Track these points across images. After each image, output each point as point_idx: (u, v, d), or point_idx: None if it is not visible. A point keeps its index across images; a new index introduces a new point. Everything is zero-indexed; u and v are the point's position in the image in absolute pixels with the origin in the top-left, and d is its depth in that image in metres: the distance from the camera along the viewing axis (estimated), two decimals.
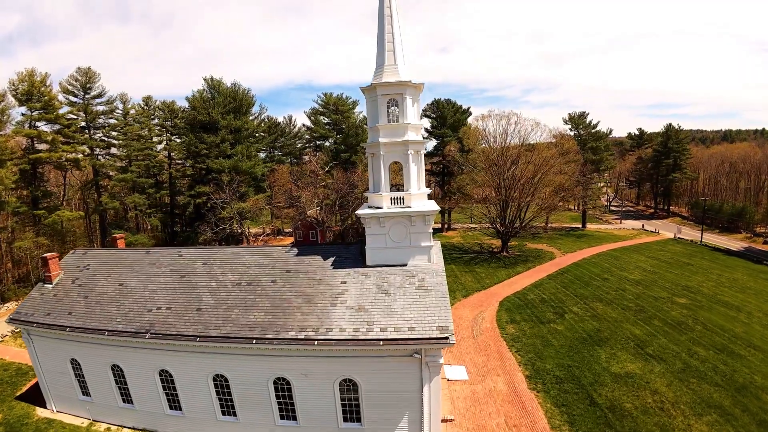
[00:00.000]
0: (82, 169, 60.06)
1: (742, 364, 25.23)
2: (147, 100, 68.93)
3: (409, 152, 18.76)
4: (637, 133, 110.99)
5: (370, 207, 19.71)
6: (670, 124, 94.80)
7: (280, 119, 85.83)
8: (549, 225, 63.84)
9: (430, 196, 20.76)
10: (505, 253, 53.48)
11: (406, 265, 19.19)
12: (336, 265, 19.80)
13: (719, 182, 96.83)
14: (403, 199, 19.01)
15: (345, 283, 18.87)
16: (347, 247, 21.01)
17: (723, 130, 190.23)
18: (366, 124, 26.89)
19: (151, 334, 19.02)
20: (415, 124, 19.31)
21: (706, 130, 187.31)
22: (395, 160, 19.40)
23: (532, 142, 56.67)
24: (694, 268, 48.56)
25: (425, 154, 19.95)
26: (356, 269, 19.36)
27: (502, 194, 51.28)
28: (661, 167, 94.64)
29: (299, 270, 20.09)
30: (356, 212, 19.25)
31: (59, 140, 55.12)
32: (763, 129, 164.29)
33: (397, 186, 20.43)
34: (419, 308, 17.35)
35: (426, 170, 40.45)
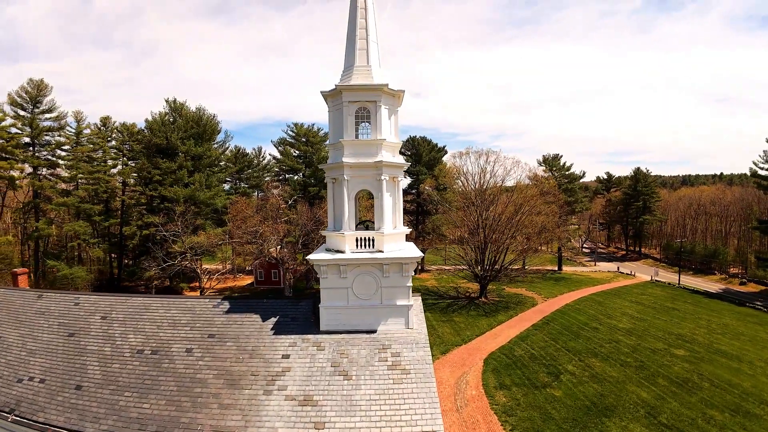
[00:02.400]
0: (17, 188, 52.30)
1: (761, 426, 22.33)
2: (105, 120, 62.44)
3: (382, 178, 13.65)
4: (605, 176, 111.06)
5: (327, 250, 14.28)
6: (639, 168, 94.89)
7: (249, 150, 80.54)
8: (526, 268, 59.52)
9: (408, 238, 15.53)
10: (484, 299, 48.37)
11: (375, 331, 13.63)
12: (278, 330, 14.04)
13: (688, 224, 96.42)
14: (374, 240, 13.71)
15: (288, 357, 13.09)
16: (296, 303, 15.30)
17: (681, 175, 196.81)
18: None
19: (14, 416, 12.94)
20: (391, 141, 14.36)
21: (664, 176, 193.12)
22: (364, 188, 14.25)
23: (510, 183, 53.37)
24: (681, 314, 46.36)
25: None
26: (305, 336, 13.66)
27: (481, 236, 46.78)
28: (631, 210, 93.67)
29: (226, 335, 14.21)
30: (309, 257, 13.75)
31: None
32: (721, 173, 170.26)
33: (365, 223, 15.21)
34: (393, 400, 11.73)
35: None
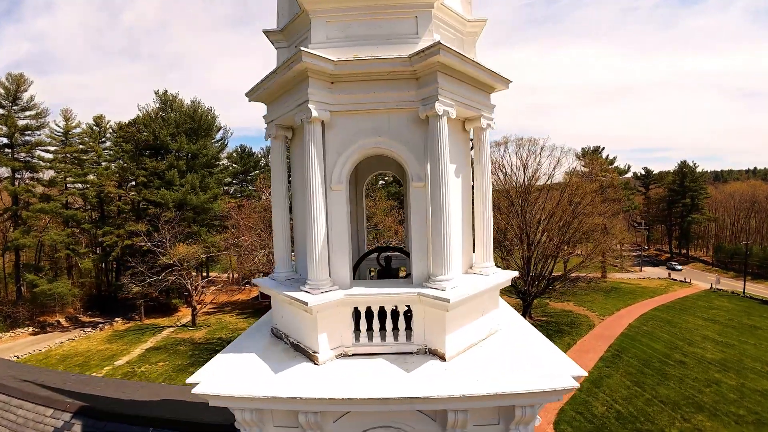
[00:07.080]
0: None
1: None
2: (98, 119, 54.89)
3: (437, 110, 3.94)
4: (642, 172, 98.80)
5: (276, 335, 4.88)
6: (685, 162, 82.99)
7: (256, 150, 72.20)
8: (568, 274, 48.93)
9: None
10: (529, 319, 38.37)
11: None
12: None
13: (739, 223, 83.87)
14: (411, 316, 4.18)
15: None
16: None
17: (711, 171, 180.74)
18: None
19: None
20: (454, 7, 4.80)
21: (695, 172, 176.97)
22: (376, 148, 4.66)
23: (558, 178, 43.28)
24: (766, 332, 37.13)
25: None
26: None
27: (525, 242, 36.91)
28: (676, 208, 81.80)
29: None
30: (191, 379, 4.39)
31: None
32: (755, 168, 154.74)
33: (383, 252, 5.73)
34: None
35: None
